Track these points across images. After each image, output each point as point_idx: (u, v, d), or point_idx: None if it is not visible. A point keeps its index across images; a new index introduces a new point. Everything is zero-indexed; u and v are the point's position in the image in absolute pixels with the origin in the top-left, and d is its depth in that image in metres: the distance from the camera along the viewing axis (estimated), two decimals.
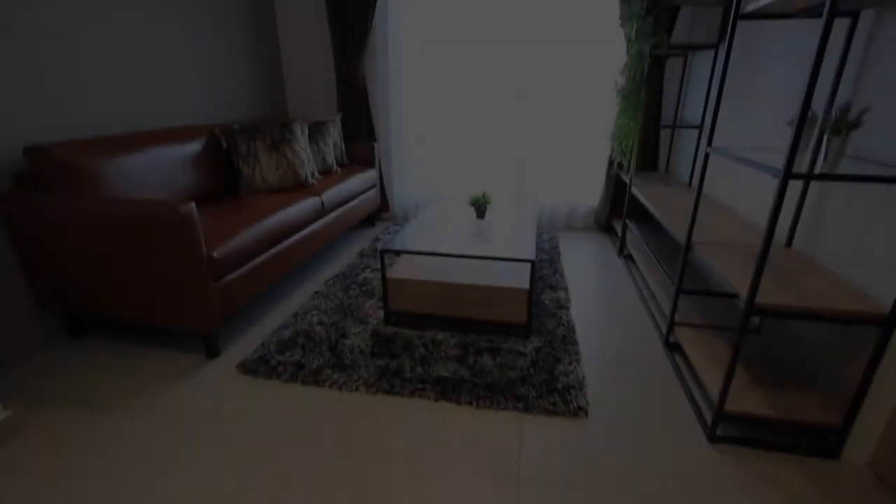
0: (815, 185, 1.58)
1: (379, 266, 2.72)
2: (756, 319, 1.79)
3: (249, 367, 1.75)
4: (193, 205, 1.62)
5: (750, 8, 1.37)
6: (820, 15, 1.41)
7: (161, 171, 2.14)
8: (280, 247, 2.18)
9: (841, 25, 1.47)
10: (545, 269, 2.68)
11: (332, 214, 2.73)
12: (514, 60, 3.20)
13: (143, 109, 2.35)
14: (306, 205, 2.42)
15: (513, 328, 2.00)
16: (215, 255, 1.72)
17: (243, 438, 1.42)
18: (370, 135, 3.49)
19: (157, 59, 2.42)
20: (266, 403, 1.57)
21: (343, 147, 3.27)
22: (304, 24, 3.44)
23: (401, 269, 2.10)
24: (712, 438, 1.40)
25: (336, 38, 3.24)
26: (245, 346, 1.93)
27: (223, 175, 2.57)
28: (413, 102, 3.46)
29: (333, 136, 3.14)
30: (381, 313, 2.15)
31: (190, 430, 1.45)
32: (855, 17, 1.40)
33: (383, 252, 1.98)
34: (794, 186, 1.68)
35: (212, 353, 1.84)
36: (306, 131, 2.81)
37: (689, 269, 2.34)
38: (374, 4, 3.10)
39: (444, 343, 1.89)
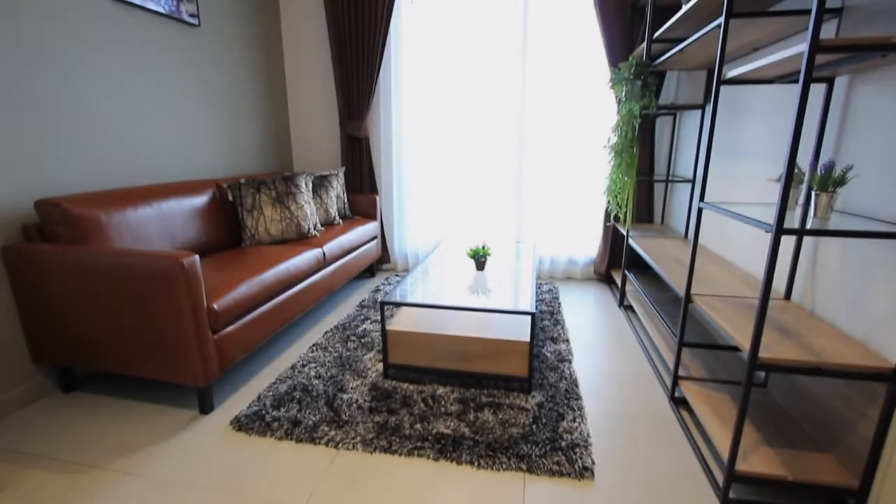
0: (808, 239, 1.61)
1: (378, 317, 2.71)
2: (762, 373, 1.76)
3: (243, 423, 1.70)
4: (197, 257, 1.65)
5: (731, 74, 1.46)
6: (797, 81, 1.51)
7: (167, 223, 2.19)
8: (280, 299, 2.18)
9: (819, 89, 1.56)
10: (546, 320, 2.67)
11: (333, 266, 2.75)
12: (512, 116, 3.36)
13: (155, 165, 2.43)
14: (308, 256, 2.45)
15: (514, 382, 1.96)
16: (215, 307, 1.72)
17: None
18: (372, 187, 3.59)
19: (173, 119, 2.54)
20: (259, 464, 1.51)
21: (346, 199, 3.35)
22: (313, 87, 3.63)
23: (400, 322, 2.09)
24: (725, 502, 1.34)
25: (342, 98, 3.42)
26: (240, 400, 1.88)
27: (227, 227, 2.62)
28: (414, 156, 3.59)
29: (336, 188, 3.23)
30: (380, 366, 2.12)
31: (177, 496, 1.39)
32: (830, 82, 1.49)
33: (383, 304, 1.98)
34: (788, 240, 1.71)
35: (205, 408, 1.79)
36: (310, 184, 2.90)
37: (690, 320, 2.33)
38: (379, 68, 3.30)
39: (444, 398, 1.85)
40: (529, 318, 2.04)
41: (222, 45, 2.93)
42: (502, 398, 1.85)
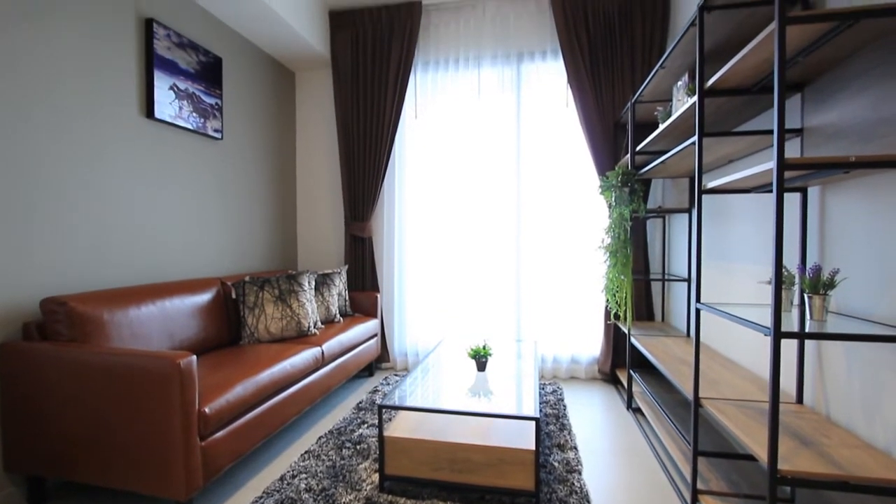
0: (811, 341, 1.60)
1: (376, 420, 2.58)
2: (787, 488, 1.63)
3: None
4: (194, 357, 1.63)
5: (710, 185, 1.58)
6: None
7: (169, 321, 2.19)
8: (274, 401, 2.10)
9: (794, 197, 1.68)
10: (551, 424, 2.53)
11: (332, 365, 2.69)
12: (509, 217, 3.53)
13: (167, 262, 2.51)
14: (306, 355, 2.41)
15: (521, 497, 1.81)
16: (207, 410, 1.66)
17: None
18: (374, 285, 3.65)
19: (188, 220, 2.68)
20: None
21: (347, 297, 3.39)
22: (321, 191, 3.88)
23: (399, 426, 1.99)
24: None
25: (349, 201, 3.62)
26: None
27: (227, 325, 2.62)
28: (415, 255, 3.70)
29: (339, 286, 3.29)
30: (375, 477, 1.97)
31: None
32: (803, 191, 1.60)
33: (381, 408, 1.90)
34: (792, 342, 1.71)
35: None
36: (313, 283, 2.95)
37: (703, 425, 2.21)
38: (384, 174, 3.55)
39: None
40: (533, 423, 1.95)
41: (240, 155, 3.19)
42: None
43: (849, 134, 1.39)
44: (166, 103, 2.49)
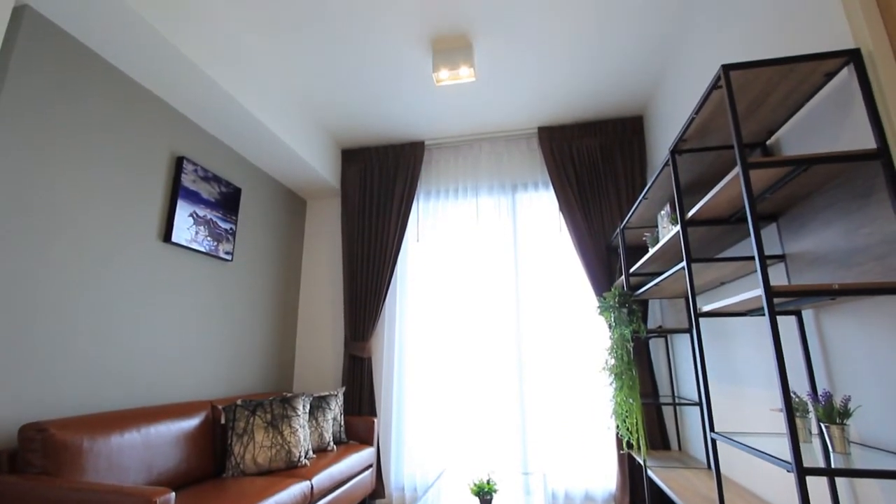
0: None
1: None
2: None
3: None
4: (173, 495, 1.50)
5: (706, 309, 1.62)
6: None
7: (151, 451, 2.05)
8: None
9: (790, 320, 1.70)
10: None
11: (322, 502, 2.44)
12: (510, 339, 3.50)
13: (159, 384, 2.43)
14: (293, 491, 2.20)
15: None
16: None
17: None
18: (371, 409, 3.47)
19: (186, 340, 2.67)
20: None
21: (342, 422, 3.20)
22: (323, 310, 3.92)
23: None
24: None
25: (350, 320, 3.64)
26: None
27: (213, 454, 2.44)
28: (415, 378, 3.58)
29: (334, 410, 3.13)
30: None
31: None
32: (798, 314, 1.63)
33: None
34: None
35: None
36: (308, 406, 2.82)
37: None
38: (386, 294, 3.62)
39: None
40: None
41: (247, 276, 3.30)
42: None
43: (829, 260, 1.47)
44: (184, 228, 2.66)
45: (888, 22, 1.31)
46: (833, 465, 1.13)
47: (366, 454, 3.08)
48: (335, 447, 3.01)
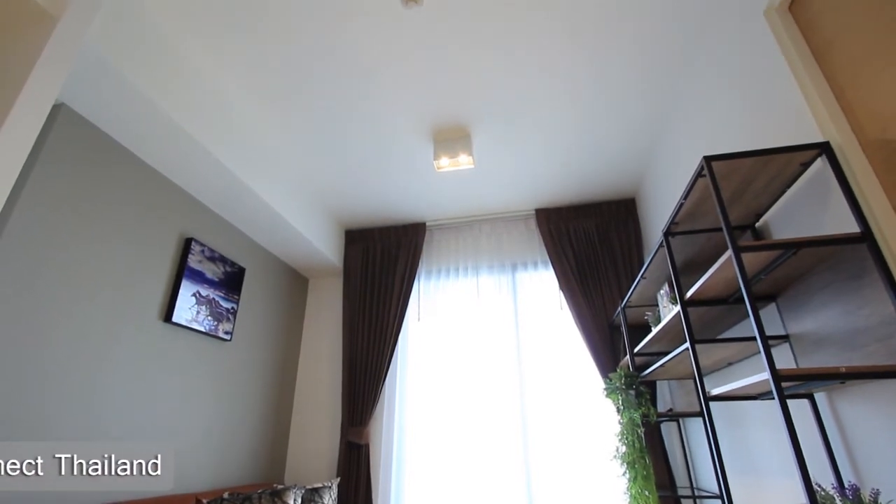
0: None
1: None
2: None
3: None
4: None
5: (714, 392, 1.57)
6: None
7: None
8: None
9: (803, 403, 1.64)
10: None
11: None
12: (514, 422, 3.33)
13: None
14: None
15: None
16: None
17: None
18: (367, 501, 3.21)
19: (176, 430, 2.55)
20: None
21: None
22: (320, 395, 3.78)
23: None
24: None
25: (347, 404, 3.50)
26: None
27: None
28: (415, 465, 3.37)
29: None
30: None
31: None
32: (811, 397, 1.58)
33: None
34: None
35: None
36: (299, 500, 2.62)
37: None
38: (386, 376, 3.52)
39: None
40: None
41: (244, 357, 3.23)
42: None
43: (833, 341, 1.45)
44: (186, 308, 2.67)
45: (850, 117, 1.42)
46: None
47: None
48: None
